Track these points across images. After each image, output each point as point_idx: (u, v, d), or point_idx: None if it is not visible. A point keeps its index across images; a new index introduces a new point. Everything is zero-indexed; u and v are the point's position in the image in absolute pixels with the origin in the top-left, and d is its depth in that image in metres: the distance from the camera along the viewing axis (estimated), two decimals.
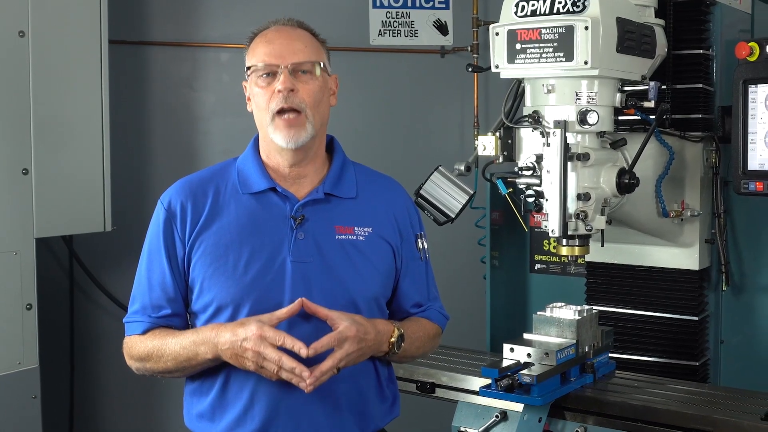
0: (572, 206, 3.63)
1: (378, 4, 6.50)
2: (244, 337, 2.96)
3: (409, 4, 6.50)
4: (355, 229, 3.25)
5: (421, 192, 4.13)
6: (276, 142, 3.18)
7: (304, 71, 3.18)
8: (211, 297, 3.14)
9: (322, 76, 3.23)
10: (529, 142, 3.78)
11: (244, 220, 3.19)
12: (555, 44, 3.56)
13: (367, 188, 3.38)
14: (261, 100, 3.19)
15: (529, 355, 3.65)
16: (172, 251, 3.20)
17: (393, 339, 3.19)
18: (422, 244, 3.45)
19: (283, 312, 3.01)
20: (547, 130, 3.62)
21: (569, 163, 3.61)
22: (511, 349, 3.69)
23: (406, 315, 3.42)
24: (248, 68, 3.24)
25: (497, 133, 3.89)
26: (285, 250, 3.15)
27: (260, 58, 3.19)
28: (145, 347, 3.19)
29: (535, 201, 3.69)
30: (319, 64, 3.23)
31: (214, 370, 3.17)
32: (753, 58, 3.83)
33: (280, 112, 3.15)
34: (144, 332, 3.21)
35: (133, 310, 3.26)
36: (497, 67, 3.75)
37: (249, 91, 3.27)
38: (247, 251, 3.14)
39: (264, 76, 3.18)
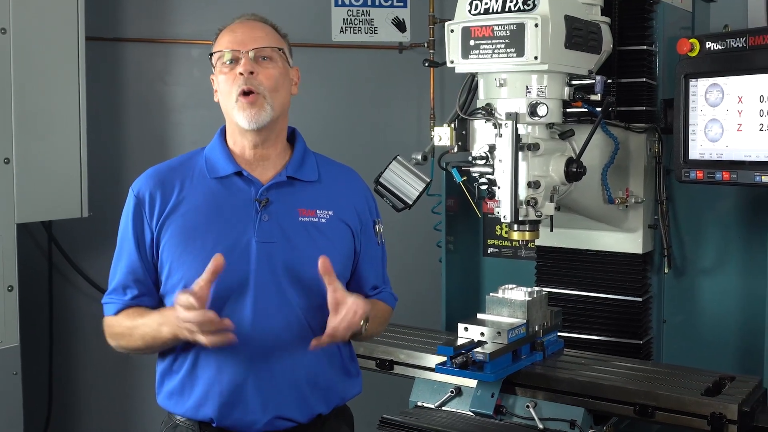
0: (523, 193, 3.60)
1: (339, 2, 6.43)
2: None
3: (369, 3, 6.44)
4: (318, 212, 3.22)
5: (381, 180, 4.11)
6: (239, 123, 3.15)
7: (265, 57, 3.17)
8: (179, 277, 3.10)
9: (282, 64, 3.22)
10: (482, 133, 3.75)
11: (210, 204, 3.16)
12: (507, 41, 3.53)
13: (328, 175, 3.36)
14: (225, 85, 3.17)
15: (482, 334, 3.63)
16: (140, 236, 3.16)
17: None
18: (379, 229, 3.44)
19: (205, 275, 2.91)
20: (499, 121, 3.59)
21: (520, 153, 3.58)
22: (466, 329, 3.67)
23: (364, 297, 3.38)
24: (212, 56, 3.21)
25: (452, 125, 3.85)
26: (250, 232, 3.12)
27: (224, 45, 3.18)
28: (120, 327, 3.18)
29: (488, 188, 3.67)
30: (279, 50, 3.21)
31: (184, 349, 3.14)
32: (694, 54, 3.83)
33: (242, 94, 3.12)
34: (116, 313, 3.19)
35: (108, 292, 3.24)
36: (452, 62, 3.72)
37: (215, 80, 3.24)
38: (213, 233, 3.10)
39: (228, 62, 3.16)
